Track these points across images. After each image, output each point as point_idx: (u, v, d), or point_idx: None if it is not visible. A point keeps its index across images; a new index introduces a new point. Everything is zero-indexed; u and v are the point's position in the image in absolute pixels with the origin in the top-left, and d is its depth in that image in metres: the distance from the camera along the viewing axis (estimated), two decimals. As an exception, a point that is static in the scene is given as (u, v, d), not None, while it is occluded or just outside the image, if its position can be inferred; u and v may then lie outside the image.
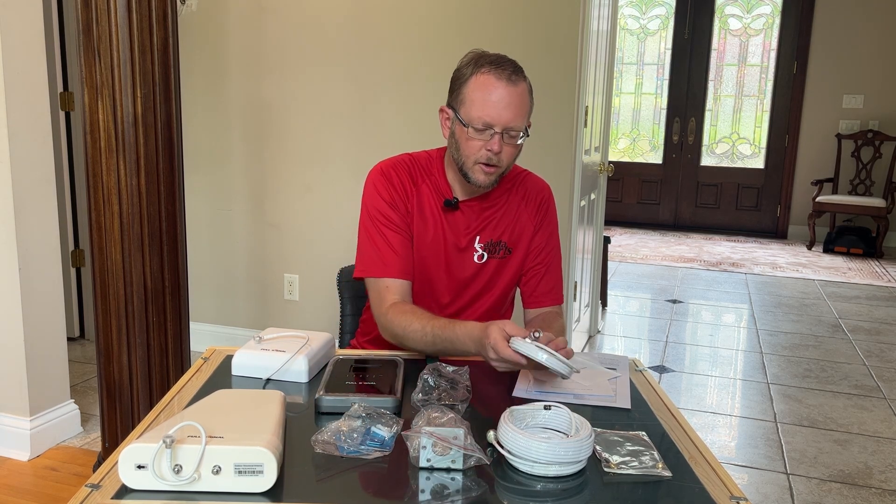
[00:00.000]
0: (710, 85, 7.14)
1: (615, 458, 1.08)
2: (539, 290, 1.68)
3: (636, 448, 1.11)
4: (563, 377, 1.24)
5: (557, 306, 1.71)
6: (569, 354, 1.26)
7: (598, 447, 1.10)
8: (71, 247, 3.54)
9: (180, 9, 3.29)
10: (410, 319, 1.46)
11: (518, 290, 1.73)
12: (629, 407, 1.28)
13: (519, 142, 1.51)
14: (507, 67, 1.48)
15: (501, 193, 1.64)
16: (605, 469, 1.06)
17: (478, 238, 1.63)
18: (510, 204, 1.65)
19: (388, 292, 1.54)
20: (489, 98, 1.46)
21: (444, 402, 1.21)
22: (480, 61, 1.50)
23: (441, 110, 1.58)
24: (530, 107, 1.53)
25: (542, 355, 1.20)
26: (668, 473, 1.05)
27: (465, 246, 1.62)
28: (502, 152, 1.49)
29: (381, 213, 1.58)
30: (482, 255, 1.63)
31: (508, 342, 1.23)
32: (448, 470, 1.03)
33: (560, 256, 1.73)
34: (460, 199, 1.62)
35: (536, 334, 1.23)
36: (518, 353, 1.22)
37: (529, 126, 1.54)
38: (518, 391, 1.32)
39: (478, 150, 1.49)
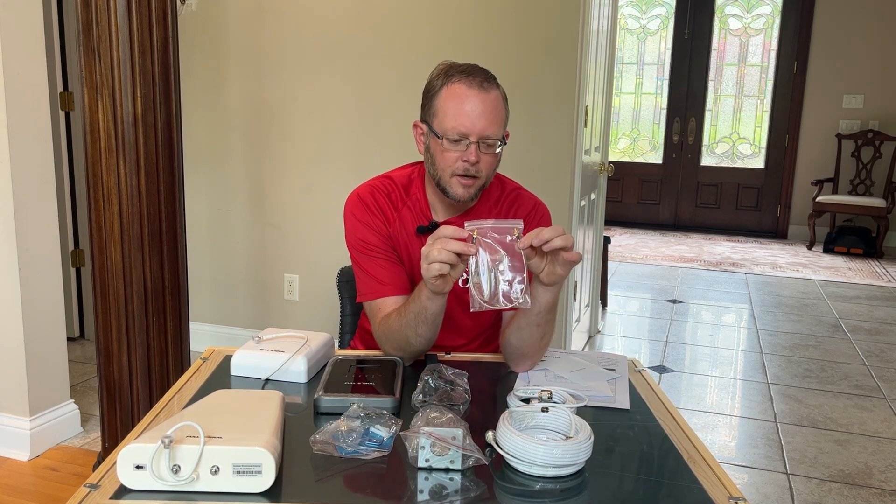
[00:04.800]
0: (710, 85, 7.14)
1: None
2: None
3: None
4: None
5: None
6: (574, 257, 1.24)
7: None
8: (71, 247, 3.55)
9: (180, 9, 3.29)
10: (391, 314, 1.45)
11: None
12: (628, 407, 1.28)
13: (497, 150, 1.47)
14: (479, 76, 1.45)
15: (487, 209, 1.58)
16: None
17: None
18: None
19: (381, 312, 1.50)
20: (462, 108, 1.42)
21: (445, 404, 1.21)
22: (450, 71, 1.47)
23: (414, 126, 1.54)
24: (505, 115, 1.49)
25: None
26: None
27: None
28: (480, 162, 1.44)
29: (365, 242, 1.54)
30: (466, 280, 1.58)
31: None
32: (447, 470, 1.03)
33: None
34: (442, 218, 1.56)
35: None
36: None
37: (507, 136, 1.51)
38: (518, 385, 1.32)
39: (454, 161, 1.45)
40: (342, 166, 3.27)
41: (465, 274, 1.26)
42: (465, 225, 1.25)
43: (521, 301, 1.23)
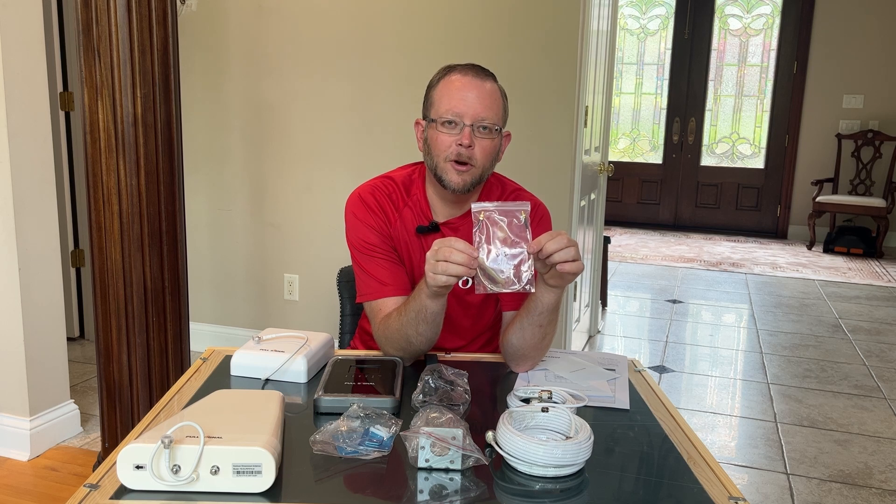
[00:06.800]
0: (710, 85, 7.14)
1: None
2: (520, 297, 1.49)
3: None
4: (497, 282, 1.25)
5: None
6: (578, 268, 1.25)
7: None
8: (71, 247, 3.54)
9: (180, 9, 3.29)
10: (391, 314, 1.45)
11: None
12: (628, 407, 1.28)
13: (493, 138, 1.47)
14: (476, 68, 1.48)
15: None
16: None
17: None
18: None
19: (381, 312, 1.50)
20: (457, 93, 1.45)
21: (445, 404, 1.21)
22: (450, 68, 1.50)
23: (416, 123, 1.56)
24: (503, 107, 1.50)
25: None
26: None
27: None
28: (474, 147, 1.44)
29: (366, 242, 1.54)
30: (466, 280, 1.57)
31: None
32: (447, 470, 1.03)
33: None
34: (443, 219, 1.56)
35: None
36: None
37: (508, 136, 1.51)
38: (518, 385, 1.32)
39: (448, 146, 1.45)
40: (342, 166, 3.27)
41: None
42: (472, 206, 1.26)
43: (527, 286, 1.24)
